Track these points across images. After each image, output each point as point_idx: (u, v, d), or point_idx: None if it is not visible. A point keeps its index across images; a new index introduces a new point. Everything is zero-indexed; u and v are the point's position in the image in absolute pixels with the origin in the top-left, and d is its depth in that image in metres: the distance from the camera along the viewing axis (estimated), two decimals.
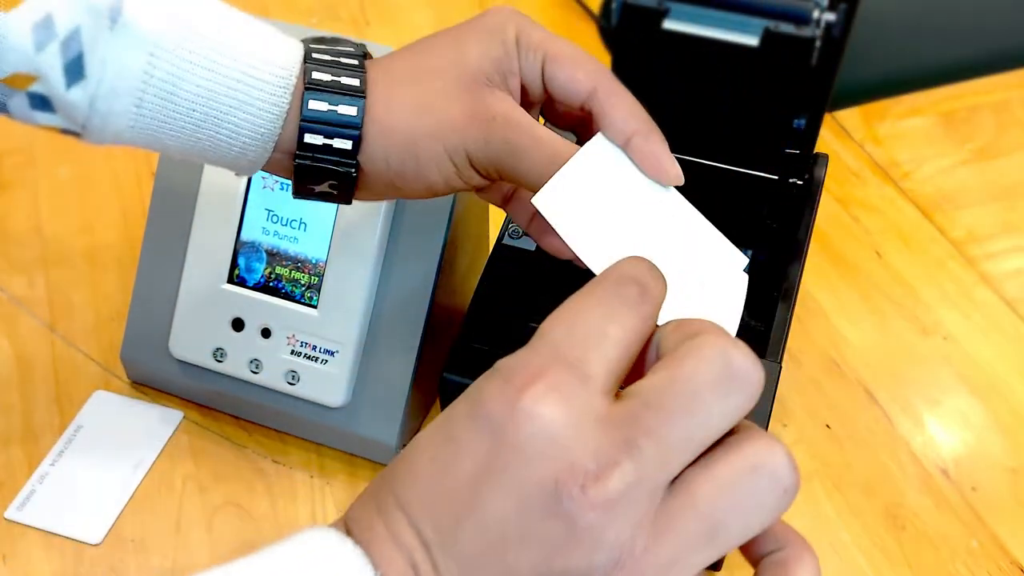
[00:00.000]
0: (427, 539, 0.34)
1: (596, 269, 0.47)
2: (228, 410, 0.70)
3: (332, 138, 0.50)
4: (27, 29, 0.46)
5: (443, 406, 0.57)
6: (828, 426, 0.69)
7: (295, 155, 0.51)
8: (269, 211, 0.65)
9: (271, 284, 0.65)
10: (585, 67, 0.52)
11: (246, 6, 0.52)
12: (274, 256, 0.65)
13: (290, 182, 0.53)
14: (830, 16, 0.55)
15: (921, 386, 0.72)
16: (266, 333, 0.65)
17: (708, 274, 0.50)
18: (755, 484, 0.33)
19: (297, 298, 0.65)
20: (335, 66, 0.51)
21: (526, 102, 0.53)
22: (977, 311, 0.76)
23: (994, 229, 0.82)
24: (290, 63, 0.50)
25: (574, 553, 0.33)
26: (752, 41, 0.55)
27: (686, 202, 0.51)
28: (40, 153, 0.88)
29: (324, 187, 0.52)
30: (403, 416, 0.64)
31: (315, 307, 0.64)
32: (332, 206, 0.63)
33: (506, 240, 0.63)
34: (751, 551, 0.36)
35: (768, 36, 0.55)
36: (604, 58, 0.61)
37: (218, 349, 0.66)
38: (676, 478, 0.34)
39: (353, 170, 0.51)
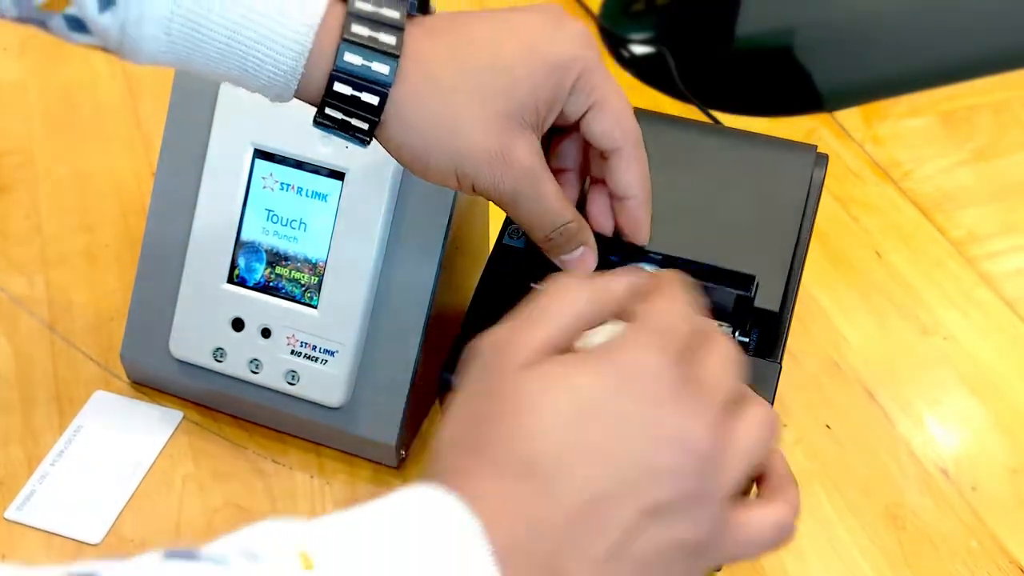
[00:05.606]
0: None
1: None
2: (228, 410, 0.70)
3: (352, 117, 0.51)
4: None
5: (443, 406, 0.57)
6: (828, 426, 0.69)
7: (317, 115, 0.52)
8: (269, 211, 0.65)
9: (271, 284, 0.65)
10: (622, 125, 0.54)
11: None
12: (274, 256, 0.65)
13: (290, 183, 0.53)
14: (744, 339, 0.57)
15: (921, 386, 0.72)
16: (266, 333, 0.65)
17: None
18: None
19: (297, 298, 0.65)
20: (369, 46, 0.50)
21: (554, 124, 0.54)
22: (977, 311, 0.76)
23: (994, 229, 0.82)
24: (317, 4, 0.50)
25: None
26: None
27: None
28: (40, 153, 0.88)
29: (341, 136, 0.53)
30: (403, 416, 0.64)
31: (315, 307, 0.64)
32: (332, 207, 0.63)
33: (506, 240, 0.63)
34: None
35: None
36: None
37: (218, 349, 0.66)
38: None
39: (368, 139, 0.52)
